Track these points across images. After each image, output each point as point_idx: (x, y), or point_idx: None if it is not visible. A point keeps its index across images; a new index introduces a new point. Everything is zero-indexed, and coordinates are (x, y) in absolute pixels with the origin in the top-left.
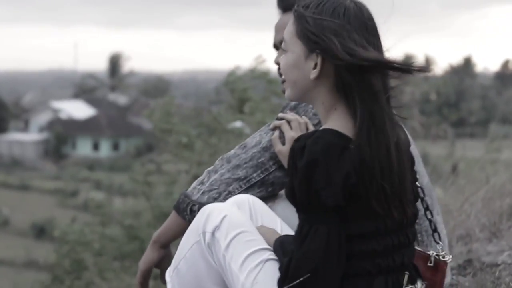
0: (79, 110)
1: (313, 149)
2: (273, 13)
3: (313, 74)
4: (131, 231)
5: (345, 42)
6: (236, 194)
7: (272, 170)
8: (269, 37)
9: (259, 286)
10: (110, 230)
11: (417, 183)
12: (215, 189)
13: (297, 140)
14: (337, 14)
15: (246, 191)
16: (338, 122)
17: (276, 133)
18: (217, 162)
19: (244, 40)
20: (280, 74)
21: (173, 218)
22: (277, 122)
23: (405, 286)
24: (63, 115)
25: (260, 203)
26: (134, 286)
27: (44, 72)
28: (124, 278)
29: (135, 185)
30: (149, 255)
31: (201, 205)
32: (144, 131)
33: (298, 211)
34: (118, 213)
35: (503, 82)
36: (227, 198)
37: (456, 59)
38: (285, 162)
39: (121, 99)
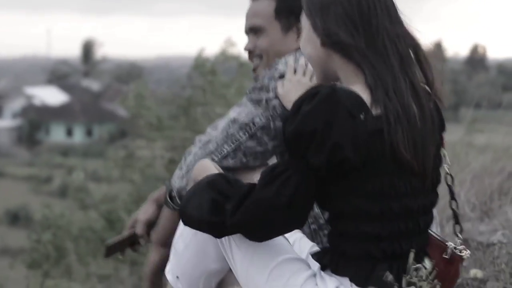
0: (52, 96)
1: (321, 103)
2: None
3: (319, 40)
4: (109, 217)
5: (328, 21)
6: None
7: (242, 140)
8: (243, 23)
9: (257, 261)
10: (89, 216)
11: (446, 167)
12: (190, 170)
13: (316, 86)
14: None
15: (219, 162)
16: (359, 88)
17: (281, 80)
18: (192, 145)
19: (217, 25)
20: (251, 60)
21: (167, 214)
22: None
23: (412, 265)
24: (36, 102)
25: None
26: (113, 272)
27: (17, 58)
28: (103, 264)
29: (115, 168)
30: (155, 257)
31: (181, 189)
32: (117, 116)
33: (284, 145)
34: (97, 198)
35: (473, 66)
36: None
37: (427, 45)
38: (284, 103)
39: (94, 85)
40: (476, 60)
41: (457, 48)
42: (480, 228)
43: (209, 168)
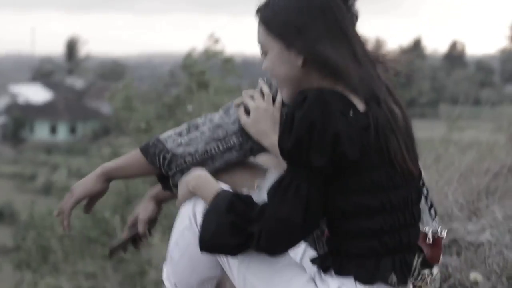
0: (36, 94)
1: (312, 105)
2: None
3: (299, 59)
4: (94, 214)
5: (310, 40)
6: (213, 153)
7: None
8: (226, 20)
9: (254, 267)
10: (74, 214)
11: None
12: (192, 144)
13: (301, 92)
14: (296, 8)
15: (223, 153)
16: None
17: (241, 108)
18: (199, 118)
19: (200, 23)
20: None
21: (136, 157)
22: (239, 99)
23: (421, 269)
24: (20, 99)
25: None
26: (99, 270)
27: (2, 56)
28: (89, 262)
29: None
30: (91, 184)
31: (174, 156)
32: (101, 114)
33: (284, 160)
34: None
35: (452, 63)
36: (203, 157)
37: (406, 41)
38: (252, 133)
39: (78, 82)
40: (454, 56)
41: (435, 45)
42: (468, 227)
43: (210, 182)
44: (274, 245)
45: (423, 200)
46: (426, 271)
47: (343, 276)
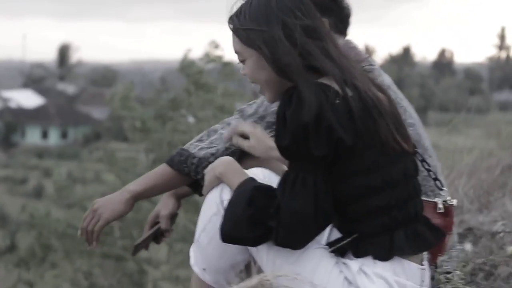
0: (28, 99)
1: (300, 100)
2: (220, 6)
3: None
4: None
5: (278, 51)
6: (232, 149)
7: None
8: (215, 28)
9: (283, 252)
10: (73, 215)
11: None
12: (214, 146)
13: (287, 91)
14: (265, 15)
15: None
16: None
17: (239, 138)
18: (217, 124)
19: (190, 31)
20: None
21: (162, 172)
22: (228, 136)
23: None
24: (12, 105)
25: (274, 177)
26: (97, 267)
27: None
28: (88, 260)
29: (103, 167)
30: (120, 207)
31: (199, 159)
32: (92, 119)
33: (284, 157)
34: (78, 197)
35: (440, 70)
36: (224, 154)
37: (396, 49)
38: (259, 154)
39: (70, 88)
40: (443, 64)
41: (424, 53)
42: (479, 219)
43: (237, 170)
44: (292, 240)
45: (426, 173)
46: (461, 247)
47: (362, 257)
